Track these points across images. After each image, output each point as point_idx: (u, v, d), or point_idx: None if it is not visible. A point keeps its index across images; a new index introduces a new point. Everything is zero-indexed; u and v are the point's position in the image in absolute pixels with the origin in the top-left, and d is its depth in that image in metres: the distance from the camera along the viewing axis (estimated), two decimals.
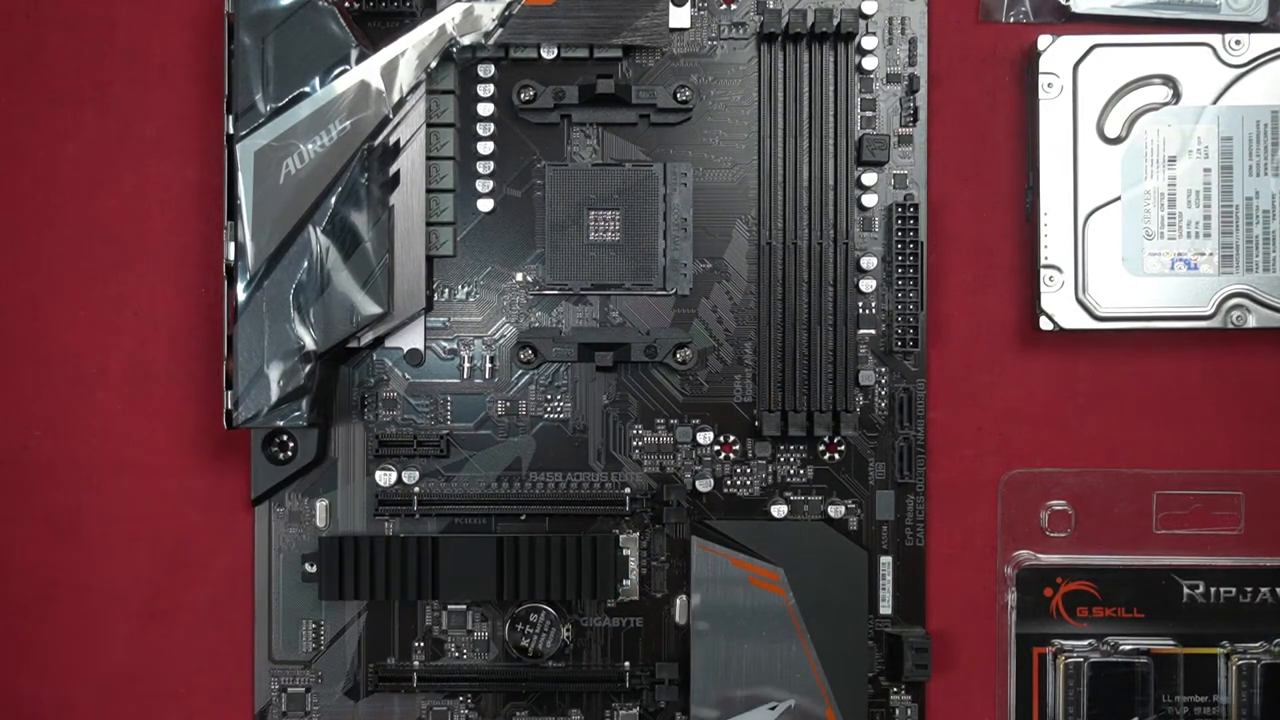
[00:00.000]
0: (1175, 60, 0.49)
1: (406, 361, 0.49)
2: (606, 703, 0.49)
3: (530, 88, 0.49)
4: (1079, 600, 0.50)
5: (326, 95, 0.46)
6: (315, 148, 0.46)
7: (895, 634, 0.49)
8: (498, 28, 0.48)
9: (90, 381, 0.51)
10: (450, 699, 0.49)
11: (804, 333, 0.48)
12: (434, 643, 0.49)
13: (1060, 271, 0.49)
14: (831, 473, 0.49)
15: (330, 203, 0.46)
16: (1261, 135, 0.49)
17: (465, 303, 0.50)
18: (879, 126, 0.49)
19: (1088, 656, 0.49)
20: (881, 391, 0.49)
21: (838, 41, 0.49)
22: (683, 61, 0.50)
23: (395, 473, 0.49)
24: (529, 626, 0.49)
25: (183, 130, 0.51)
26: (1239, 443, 0.51)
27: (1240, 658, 0.49)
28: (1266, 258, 0.49)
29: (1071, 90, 0.49)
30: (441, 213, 0.49)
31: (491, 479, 0.49)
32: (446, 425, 0.49)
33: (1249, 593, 0.49)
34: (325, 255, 0.46)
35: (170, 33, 0.51)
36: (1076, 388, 0.51)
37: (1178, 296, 0.49)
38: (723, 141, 0.49)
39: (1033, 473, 0.51)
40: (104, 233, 0.51)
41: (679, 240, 0.49)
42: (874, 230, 0.49)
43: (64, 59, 0.51)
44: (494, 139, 0.49)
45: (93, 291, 0.51)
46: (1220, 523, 0.50)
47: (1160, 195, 0.49)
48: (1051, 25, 0.50)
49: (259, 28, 0.46)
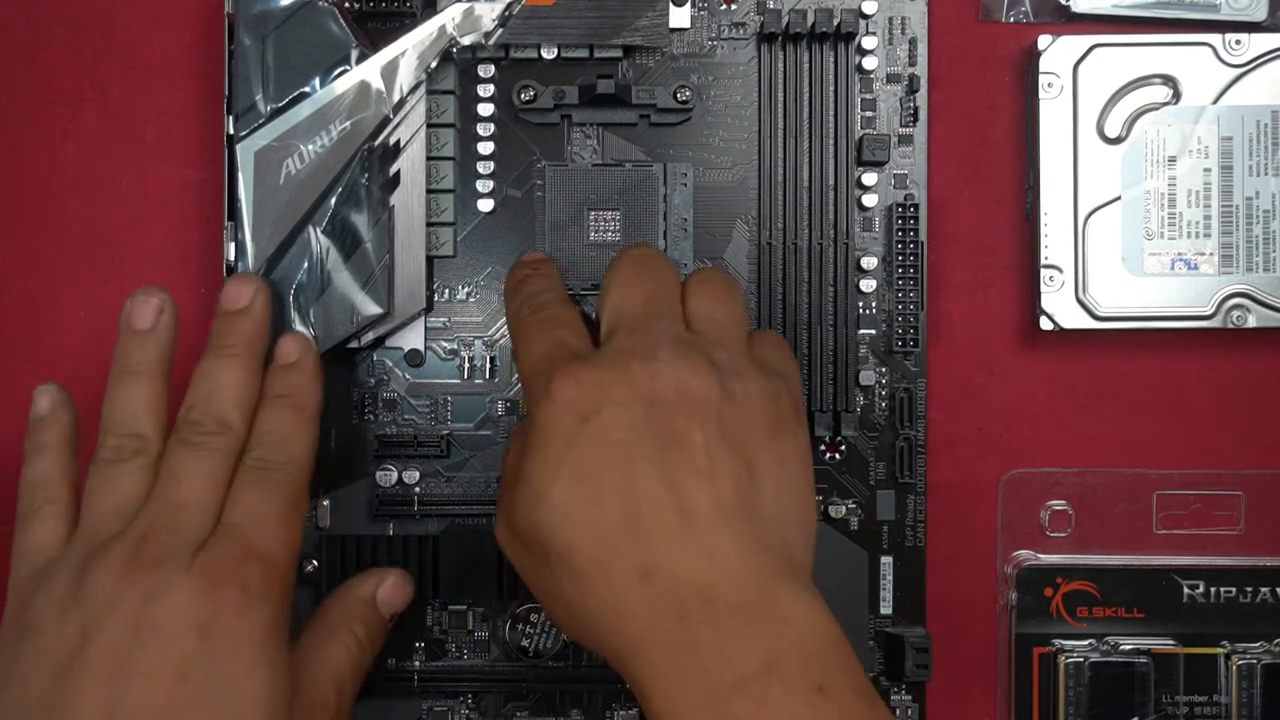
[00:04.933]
0: (1175, 60, 0.49)
1: (407, 362, 0.49)
2: (607, 703, 0.49)
3: (530, 88, 0.49)
4: (1079, 600, 0.50)
5: (326, 95, 0.46)
6: (315, 148, 0.46)
7: (895, 634, 0.49)
8: (498, 28, 0.48)
9: (90, 382, 0.50)
10: (450, 699, 0.49)
11: (804, 333, 0.48)
12: (434, 643, 0.49)
13: (1060, 271, 0.49)
14: (832, 473, 0.49)
15: (330, 203, 0.46)
16: (1261, 135, 0.49)
17: (465, 303, 0.50)
18: (879, 126, 0.49)
19: (1088, 656, 0.49)
20: (882, 391, 0.49)
21: (838, 41, 0.49)
22: (683, 61, 0.50)
23: (395, 473, 0.49)
24: (529, 626, 0.49)
25: (183, 130, 0.51)
26: (1239, 443, 0.51)
27: (1240, 658, 0.49)
28: (1266, 258, 0.49)
29: (1071, 90, 0.49)
30: (442, 213, 0.49)
31: (492, 479, 0.49)
32: (447, 425, 0.49)
33: (1249, 593, 0.50)
34: (325, 255, 0.46)
35: (170, 33, 0.51)
36: (1076, 388, 0.51)
37: (1178, 296, 0.49)
38: (723, 142, 0.49)
39: (1033, 473, 0.51)
40: (104, 233, 0.51)
41: (679, 240, 0.49)
42: (874, 230, 0.49)
43: (64, 59, 0.51)
44: (494, 139, 0.49)
45: (93, 291, 0.51)
46: (1220, 523, 0.50)
47: (1160, 195, 0.49)
48: (1051, 25, 0.50)
49: (259, 28, 0.46)
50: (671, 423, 0.37)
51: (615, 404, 0.37)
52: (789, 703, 0.35)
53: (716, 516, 0.37)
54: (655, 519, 0.36)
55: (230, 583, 0.39)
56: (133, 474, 0.41)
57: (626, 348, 0.39)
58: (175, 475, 0.41)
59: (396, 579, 0.46)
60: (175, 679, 0.38)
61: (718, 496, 0.37)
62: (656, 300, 0.41)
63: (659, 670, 0.36)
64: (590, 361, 0.39)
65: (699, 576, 0.36)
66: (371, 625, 0.45)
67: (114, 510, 0.41)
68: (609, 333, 0.41)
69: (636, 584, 0.36)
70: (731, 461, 0.37)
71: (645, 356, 0.38)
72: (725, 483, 0.37)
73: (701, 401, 0.38)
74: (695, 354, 0.39)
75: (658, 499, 0.37)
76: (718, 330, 0.41)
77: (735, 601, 0.36)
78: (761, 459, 0.38)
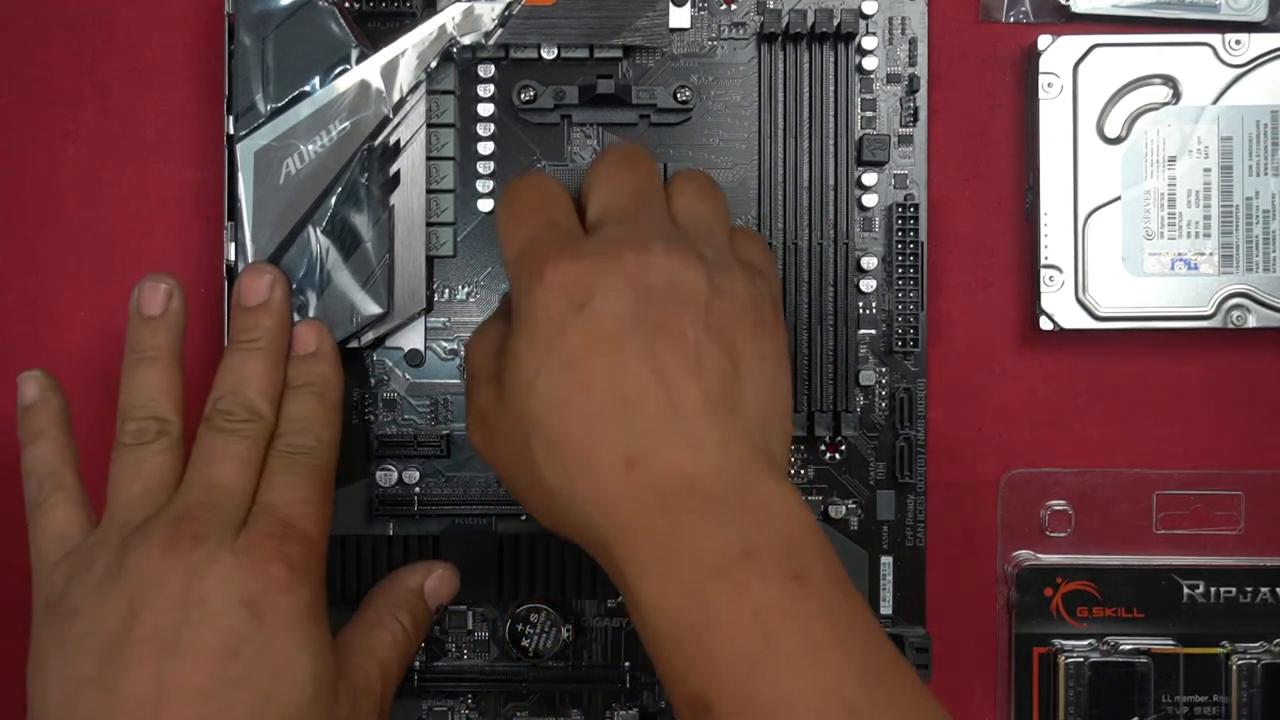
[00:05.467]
0: (1175, 60, 0.49)
1: (407, 362, 0.49)
2: (607, 703, 0.49)
3: (530, 88, 0.49)
4: (1079, 600, 0.50)
5: (326, 95, 0.46)
6: (315, 148, 0.46)
7: (895, 634, 0.49)
8: (498, 28, 0.48)
9: (91, 382, 0.51)
10: (450, 699, 0.49)
11: (804, 332, 0.48)
12: (434, 643, 0.49)
13: (1060, 271, 0.49)
14: (832, 473, 0.49)
15: (330, 203, 0.46)
16: (1261, 135, 0.49)
17: (466, 303, 0.50)
18: (879, 126, 0.49)
19: (1088, 656, 0.49)
20: (882, 391, 0.49)
21: (838, 41, 0.49)
22: (683, 62, 0.50)
23: (395, 473, 0.49)
24: (529, 626, 0.49)
25: (183, 130, 0.51)
26: (1239, 443, 0.51)
27: (1240, 658, 0.49)
28: (1266, 258, 0.49)
29: (1071, 90, 0.49)
30: (442, 213, 0.49)
31: (492, 479, 0.49)
32: (447, 425, 0.49)
33: (1249, 593, 0.50)
34: (325, 255, 0.47)
35: (170, 33, 0.51)
36: (1076, 388, 0.51)
37: (1178, 296, 0.49)
38: (723, 142, 0.49)
39: (1033, 473, 0.51)
40: (104, 233, 0.51)
41: None
42: (874, 230, 0.49)
43: (64, 59, 0.51)
44: (494, 139, 0.49)
45: (93, 291, 0.51)
46: (1220, 523, 0.50)
47: (1160, 195, 0.49)
48: (1051, 25, 0.50)
49: (259, 28, 0.46)
50: (662, 315, 0.38)
51: (607, 292, 0.38)
52: (767, 589, 0.35)
53: (703, 409, 0.37)
54: (643, 408, 0.37)
55: (274, 559, 0.39)
56: (156, 455, 0.42)
57: (619, 237, 0.39)
58: (209, 459, 0.41)
59: (445, 571, 0.47)
60: (225, 655, 0.38)
61: (704, 390, 0.37)
62: (644, 194, 0.41)
63: (639, 556, 0.36)
64: (583, 248, 0.39)
65: (683, 467, 0.37)
66: (418, 615, 0.46)
67: (142, 492, 0.41)
68: (597, 223, 0.41)
69: (621, 471, 0.37)
70: (718, 356, 0.38)
71: (638, 246, 0.38)
72: (711, 376, 0.37)
73: (692, 295, 0.38)
74: (686, 248, 0.39)
75: (647, 389, 0.37)
76: (703, 227, 0.41)
77: (716, 492, 0.36)
78: (745, 355, 0.39)
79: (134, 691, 0.37)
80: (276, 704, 0.38)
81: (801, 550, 0.36)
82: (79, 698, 0.38)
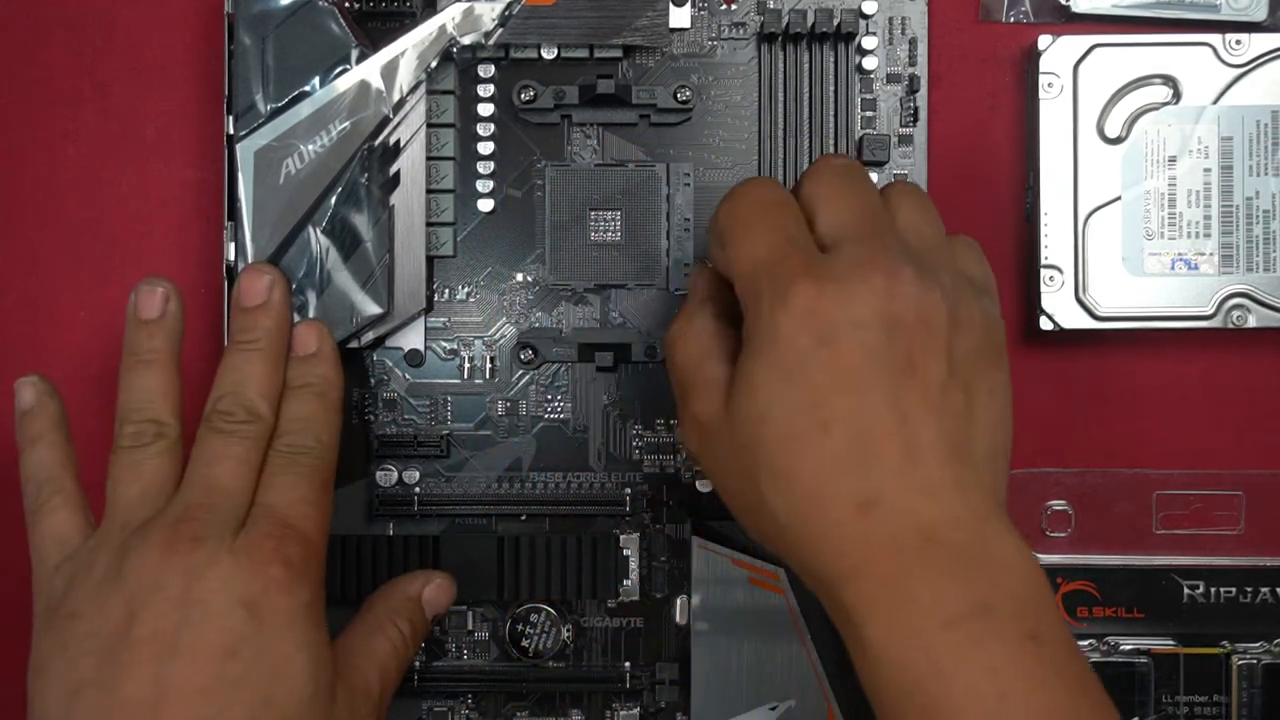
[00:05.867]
0: (1175, 60, 0.49)
1: (407, 362, 0.49)
2: (607, 703, 0.49)
3: (530, 88, 0.49)
4: (1079, 600, 0.50)
5: (326, 95, 0.46)
6: (315, 148, 0.46)
7: None
8: (498, 28, 0.48)
9: (90, 382, 0.50)
10: (450, 699, 0.49)
11: None
12: (434, 643, 0.49)
13: (1060, 271, 0.49)
14: None
15: (330, 203, 0.46)
16: (1261, 135, 0.49)
17: (465, 303, 0.50)
18: (879, 126, 0.49)
19: (1088, 656, 0.49)
20: None
21: (838, 41, 0.49)
22: (683, 61, 0.50)
23: (395, 473, 0.49)
24: (529, 626, 0.49)
25: (183, 130, 0.51)
26: (1239, 443, 0.51)
27: (1241, 658, 0.49)
28: (1267, 258, 0.49)
29: (1072, 90, 0.49)
30: (441, 213, 0.49)
31: (492, 479, 0.49)
32: (447, 425, 0.49)
33: (1249, 593, 0.50)
34: (325, 255, 0.46)
35: (170, 33, 0.51)
36: (1076, 388, 0.51)
37: (1178, 296, 0.49)
38: (723, 142, 0.49)
39: (1033, 473, 0.51)
40: (104, 233, 0.51)
41: (682, 240, 0.49)
42: None
43: (64, 59, 0.51)
44: (494, 139, 0.49)
45: (93, 291, 0.51)
46: (1220, 523, 0.50)
47: (1160, 195, 0.49)
48: (1051, 25, 0.50)
49: (259, 28, 0.46)
50: (909, 350, 0.36)
51: (855, 326, 0.36)
52: (1001, 647, 0.34)
53: (941, 453, 0.36)
54: (882, 452, 0.36)
55: (274, 560, 0.39)
56: (155, 458, 0.42)
57: (863, 258, 0.37)
58: (208, 460, 0.41)
59: (442, 581, 0.47)
60: (224, 655, 0.38)
61: (943, 432, 0.36)
62: (875, 211, 0.39)
63: (870, 601, 0.35)
64: (828, 271, 0.37)
65: (920, 513, 0.35)
66: (416, 623, 0.45)
67: (141, 495, 0.41)
68: (832, 242, 0.38)
69: (853, 515, 0.36)
70: (957, 396, 0.37)
71: (887, 272, 0.36)
72: (950, 418, 0.36)
73: (937, 329, 0.37)
74: (929, 274, 0.37)
75: (887, 432, 0.36)
76: (932, 245, 0.39)
77: (954, 543, 0.35)
78: (978, 391, 0.37)
79: (133, 692, 0.37)
80: (276, 704, 0.38)
81: (1036, 608, 0.35)
82: (79, 699, 0.38)
